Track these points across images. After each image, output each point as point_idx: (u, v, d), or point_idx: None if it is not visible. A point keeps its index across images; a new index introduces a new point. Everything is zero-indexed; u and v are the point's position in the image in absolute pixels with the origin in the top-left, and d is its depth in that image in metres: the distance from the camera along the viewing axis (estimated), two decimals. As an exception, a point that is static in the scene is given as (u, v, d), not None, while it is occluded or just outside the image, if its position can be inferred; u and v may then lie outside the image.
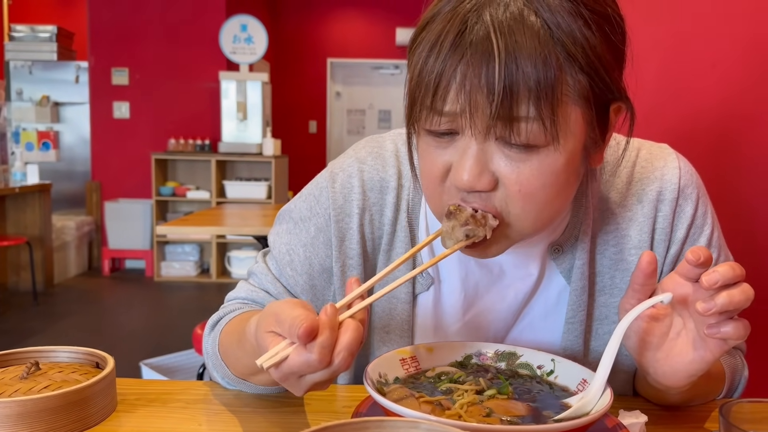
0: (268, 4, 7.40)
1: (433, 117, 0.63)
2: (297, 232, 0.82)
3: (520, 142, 0.60)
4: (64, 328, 4.16)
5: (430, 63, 0.61)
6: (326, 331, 0.55)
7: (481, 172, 0.62)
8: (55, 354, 0.82)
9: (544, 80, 0.57)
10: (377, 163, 0.81)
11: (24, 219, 5.07)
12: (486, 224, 0.64)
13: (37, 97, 6.22)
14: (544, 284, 0.80)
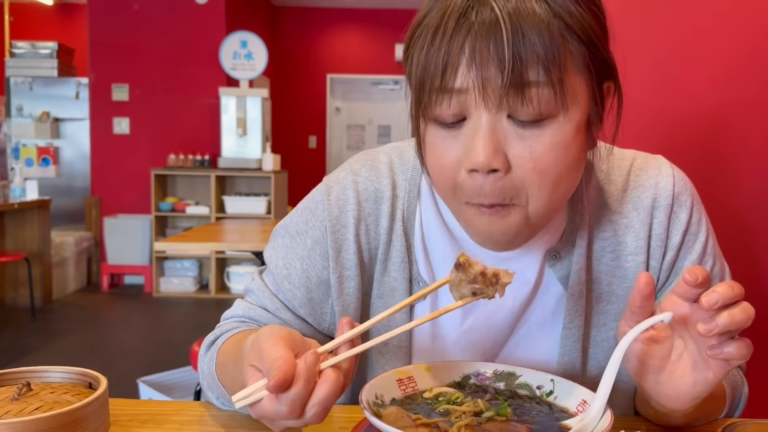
0: (268, 20, 7.44)
1: (443, 99, 0.63)
2: (293, 245, 0.82)
3: (532, 112, 0.61)
4: (62, 345, 4.13)
5: (436, 44, 0.62)
6: (300, 383, 0.54)
7: (496, 149, 0.62)
8: (48, 374, 0.81)
9: (550, 47, 0.59)
10: (371, 174, 0.81)
11: (23, 235, 5.06)
12: (497, 283, 0.60)
13: (37, 113, 6.24)
14: (542, 291, 0.79)
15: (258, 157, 5.73)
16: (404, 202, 0.81)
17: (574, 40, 0.62)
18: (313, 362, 0.56)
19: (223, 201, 5.72)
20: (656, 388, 0.65)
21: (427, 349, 0.82)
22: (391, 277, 0.80)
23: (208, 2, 5.93)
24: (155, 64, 5.98)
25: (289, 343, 0.58)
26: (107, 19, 5.96)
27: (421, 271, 0.80)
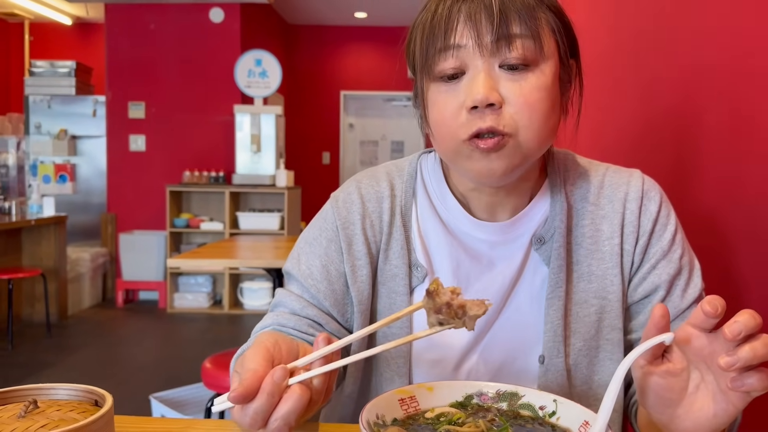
0: (283, 38, 7.52)
1: (446, 55, 0.76)
2: (311, 249, 0.91)
3: (518, 56, 0.74)
4: (77, 360, 4.17)
5: (438, 12, 0.77)
6: (263, 397, 0.59)
7: (492, 87, 0.74)
8: (54, 392, 0.82)
9: (527, 7, 0.75)
10: (372, 180, 0.94)
11: (39, 251, 5.12)
12: (465, 315, 0.62)
13: (55, 131, 6.33)
14: (529, 272, 0.87)
15: (272, 173, 5.77)
16: (401, 200, 0.92)
17: (545, 8, 0.77)
18: (279, 378, 0.60)
19: (237, 217, 5.76)
20: (674, 422, 0.64)
21: (425, 329, 0.84)
22: (392, 264, 0.89)
23: (224, 21, 6.02)
24: (171, 82, 6.06)
25: (271, 354, 0.63)
26: (124, 38, 6.07)
27: (419, 258, 0.89)
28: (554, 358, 0.85)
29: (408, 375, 0.87)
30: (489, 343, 0.87)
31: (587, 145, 2.01)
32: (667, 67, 1.32)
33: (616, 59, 1.74)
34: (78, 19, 7.69)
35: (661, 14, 1.37)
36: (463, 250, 0.88)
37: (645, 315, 0.87)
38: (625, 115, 1.64)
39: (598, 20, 1.99)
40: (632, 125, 1.58)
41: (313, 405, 0.62)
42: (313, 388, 0.62)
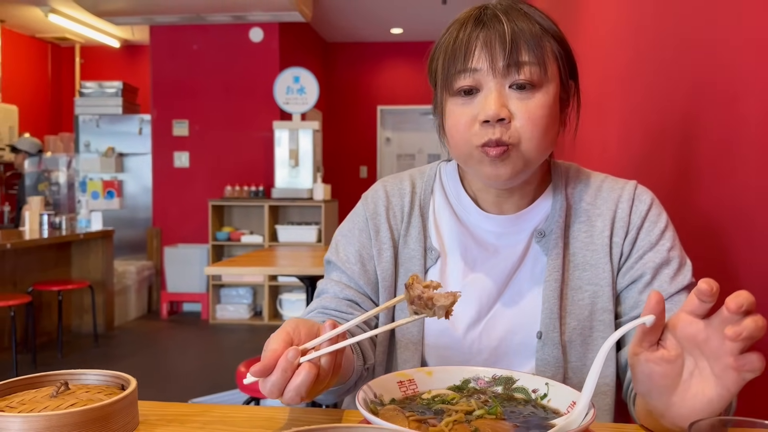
0: (321, 55, 7.67)
1: (464, 75, 0.88)
2: (347, 240, 1.06)
3: (526, 80, 0.87)
4: (122, 368, 4.25)
5: (459, 37, 0.89)
6: (278, 372, 0.69)
7: (502, 105, 0.87)
8: (85, 376, 0.89)
9: (535, 37, 0.87)
10: (396, 180, 1.10)
11: (88, 264, 5.32)
12: (434, 306, 0.71)
13: (103, 149, 6.58)
14: (529, 260, 0.98)
15: (309, 187, 5.88)
16: (420, 196, 1.07)
17: (549, 37, 0.90)
18: (292, 357, 0.69)
19: (276, 230, 5.87)
20: (670, 409, 0.67)
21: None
22: (410, 248, 1.03)
23: (263, 40, 6.19)
24: (213, 100, 6.25)
25: (291, 336, 0.73)
26: (168, 58, 6.29)
27: (433, 242, 1.03)
28: (551, 332, 0.94)
29: (421, 344, 0.98)
30: (491, 319, 0.97)
31: (616, 153, 2.02)
32: (675, 73, 1.33)
33: (636, 71, 1.76)
34: (125, 41, 8.00)
35: (680, 22, 1.39)
36: (471, 237, 1.01)
37: (632, 299, 0.95)
38: (641, 121, 1.65)
39: (618, 34, 2.01)
40: (647, 133, 1.59)
41: (322, 380, 0.71)
42: (321, 366, 0.70)
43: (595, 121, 2.32)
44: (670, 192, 1.35)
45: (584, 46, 2.59)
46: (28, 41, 7.75)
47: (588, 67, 2.49)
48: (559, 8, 3.39)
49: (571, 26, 2.93)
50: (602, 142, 2.21)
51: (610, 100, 2.08)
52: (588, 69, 2.48)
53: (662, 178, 1.43)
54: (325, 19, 6.88)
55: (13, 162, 6.86)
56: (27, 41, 7.72)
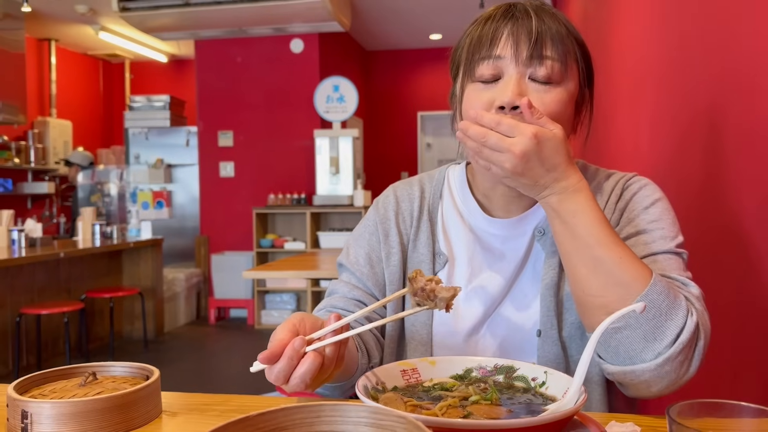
0: (361, 64, 7.76)
1: (487, 62, 0.90)
2: (357, 243, 1.09)
3: (545, 74, 0.88)
4: (170, 372, 4.44)
5: (486, 27, 0.91)
6: (284, 361, 0.72)
7: (521, 93, 0.87)
8: (112, 368, 0.95)
9: (559, 35, 0.89)
10: (406, 185, 1.12)
11: (138, 272, 5.50)
12: (435, 298, 0.74)
13: (152, 161, 6.81)
14: (532, 260, 0.99)
15: (350, 193, 5.95)
16: (429, 201, 1.09)
17: (573, 40, 0.92)
18: (298, 345, 0.72)
19: (317, 236, 5.96)
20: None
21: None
22: (419, 252, 1.05)
23: (303, 51, 6.31)
24: (256, 110, 6.40)
25: (296, 327, 0.76)
26: (213, 71, 6.47)
27: (441, 247, 1.04)
28: (549, 330, 0.95)
29: (429, 344, 1.00)
30: (495, 319, 0.99)
31: (647, 152, 2.01)
32: (707, 70, 1.32)
33: (661, 63, 1.74)
34: (172, 56, 8.26)
35: (701, 19, 1.38)
36: (478, 243, 1.02)
37: None
38: (670, 118, 1.64)
39: (642, 28, 1.99)
40: (676, 127, 1.58)
41: (326, 369, 0.74)
42: (325, 355, 0.73)
43: (628, 121, 2.30)
44: (699, 190, 1.34)
45: (617, 45, 2.57)
46: (81, 59, 8.08)
47: (621, 66, 2.47)
48: (591, 7, 3.36)
49: (604, 25, 2.91)
50: (634, 142, 2.19)
51: (641, 100, 2.07)
52: (621, 68, 2.46)
53: (692, 176, 1.41)
54: (364, 28, 6.97)
55: (67, 175, 7.16)
56: (79, 59, 8.05)
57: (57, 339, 4.67)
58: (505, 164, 0.80)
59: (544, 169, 0.81)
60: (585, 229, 0.81)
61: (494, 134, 0.80)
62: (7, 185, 6.60)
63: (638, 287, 0.78)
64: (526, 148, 0.78)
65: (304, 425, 0.53)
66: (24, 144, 6.81)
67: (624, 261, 0.80)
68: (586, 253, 0.82)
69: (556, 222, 0.84)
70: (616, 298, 0.79)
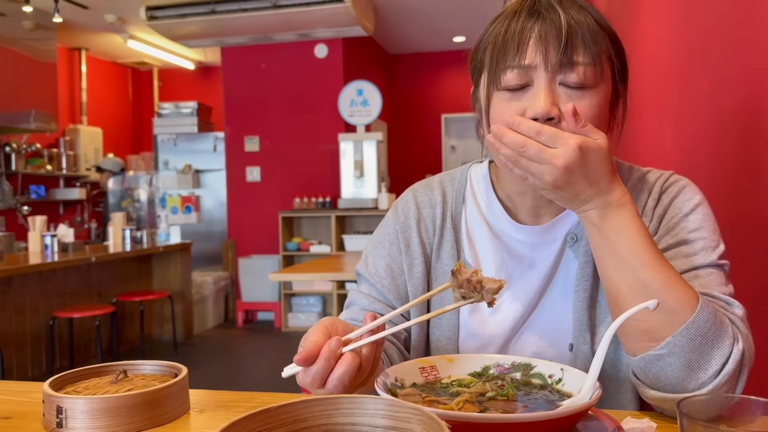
0: (384, 67, 7.80)
1: (515, 71, 0.83)
2: (377, 252, 1.04)
3: (577, 80, 0.81)
4: (200, 374, 4.51)
5: (512, 27, 0.84)
6: (321, 361, 0.69)
7: (553, 102, 0.81)
8: (142, 366, 0.98)
9: (591, 32, 0.82)
10: (426, 189, 1.06)
11: (167, 275, 5.60)
12: (482, 290, 0.71)
13: (180, 166, 6.92)
14: (563, 267, 0.94)
15: (374, 196, 5.98)
16: (452, 206, 1.03)
17: (606, 38, 0.85)
18: (335, 346, 0.70)
19: (342, 239, 6.00)
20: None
21: (466, 321, 0.96)
22: (443, 263, 1.00)
23: (327, 56, 6.37)
24: (281, 115, 6.47)
25: (329, 330, 0.74)
26: (239, 78, 6.56)
27: (466, 257, 0.99)
28: (581, 345, 0.90)
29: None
30: (525, 332, 0.94)
31: (672, 150, 2.00)
32: (733, 67, 1.32)
33: (685, 61, 1.74)
34: (199, 63, 8.39)
35: (726, 16, 1.38)
36: (506, 251, 0.97)
37: None
38: (695, 116, 1.63)
39: (666, 25, 1.98)
40: (702, 125, 1.57)
41: (363, 371, 0.72)
42: (362, 356, 0.72)
43: (653, 119, 2.29)
44: (727, 188, 1.33)
45: (641, 42, 2.56)
46: (110, 67, 8.24)
47: (645, 64, 2.46)
48: (616, 3, 3.34)
49: (628, 23, 2.89)
50: (659, 139, 2.18)
51: (665, 97, 2.06)
52: (645, 67, 2.45)
53: (719, 174, 1.41)
54: (387, 32, 7.00)
55: (98, 181, 7.31)
56: (109, 67, 8.22)
57: (89, 342, 4.78)
58: (545, 176, 0.74)
59: (587, 183, 0.75)
60: (629, 248, 0.76)
61: (534, 143, 0.74)
62: (40, 192, 6.76)
63: (685, 313, 0.74)
64: (570, 160, 0.73)
65: (323, 417, 0.55)
66: (56, 151, 6.97)
67: (670, 284, 0.75)
68: (629, 274, 0.76)
69: (596, 237, 0.79)
70: (661, 325, 0.75)
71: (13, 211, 6.27)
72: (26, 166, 6.46)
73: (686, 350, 0.74)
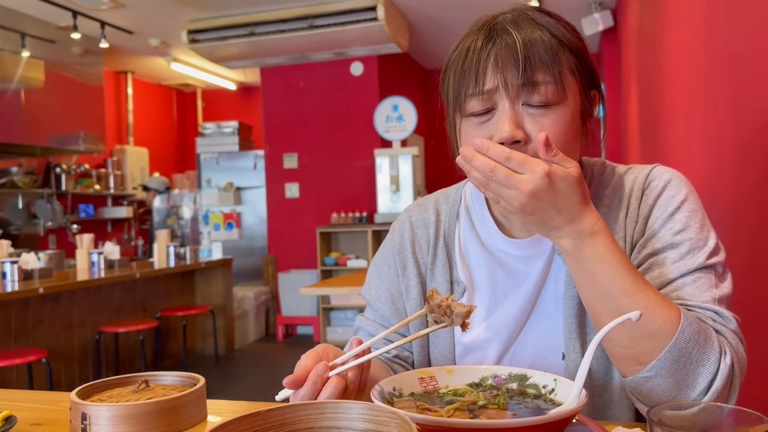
0: (420, 82, 7.86)
1: (476, 99, 0.84)
2: (378, 276, 1.07)
3: (540, 100, 0.81)
4: (240, 388, 4.60)
5: (469, 55, 0.84)
6: (308, 385, 0.75)
7: (517, 126, 0.82)
8: (164, 377, 1.04)
9: (549, 51, 0.82)
10: (421, 208, 1.08)
11: (209, 290, 5.73)
12: (452, 314, 0.76)
13: (222, 184, 7.10)
14: (553, 277, 0.94)
15: (411, 211, 6.01)
16: (445, 224, 1.04)
17: (566, 51, 0.84)
18: (321, 370, 0.76)
19: (380, 254, 6.04)
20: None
21: (461, 338, 0.98)
22: (437, 282, 1.01)
23: (363, 73, 6.47)
24: (319, 132, 6.59)
25: (320, 355, 0.80)
26: (277, 96, 6.72)
27: (459, 275, 1.00)
28: (572, 353, 0.91)
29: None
30: (519, 345, 0.95)
31: (700, 161, 1.99)
32: (756, 74, 1.31)
33: (709, 70, 1.73)
34: (240, 83, 8.60)
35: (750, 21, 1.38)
36: (500, 266, 0.97)
37: None
38: (720, 124, 1.63)
39: (692, 34, 1.98)
40: (726, 133, 1.57)
41: (350, 394, 0.77)
42: (348, 379, 0.77)
43: (682, 129, 2.28)
44: (752, 196, 1.32)
45: (669, 55, 2.55)
46: (155, 89, 8.53)
47: (673, 77, 2.44)
48: (646, 16, 3.33)
49: (657, 37, 2.88)
50: (688, 149, 2.17)
51: (693, 107, 2.05)
52: (673, 79, 2.44)
53: (743, 182, 1.40)
54: (422, 48, 7.06)
55: (144, 199, 7.55)
56: (154, 89, 8.50)
57: (134, 356, 4.93)
58: (513, 202, 0.75)
59: (555, 210, 0.75)
60: (607, 278, 0.76)
61: (502, 168, 0.74)
62: (88, 210, 7.02)
63: (667, 336, 0.75)
64: (537, 186, 0.73)
65: (309, 421, 0.60)
66: (104, 171, 7.23)
67: (650, 310, 0.75)
68: (609, 303, 0.77)
69: (573, 266, 0.79)
70: (645, 350, 0.76)
71: (63, 230, 6.53)
72: (75, 186, 6.72)
73: (671, 371, 0.76)
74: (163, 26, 6.06)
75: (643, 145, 3.63)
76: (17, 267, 3.94)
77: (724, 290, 0.84)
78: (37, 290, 3.70)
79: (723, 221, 1.50)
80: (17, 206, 6.02)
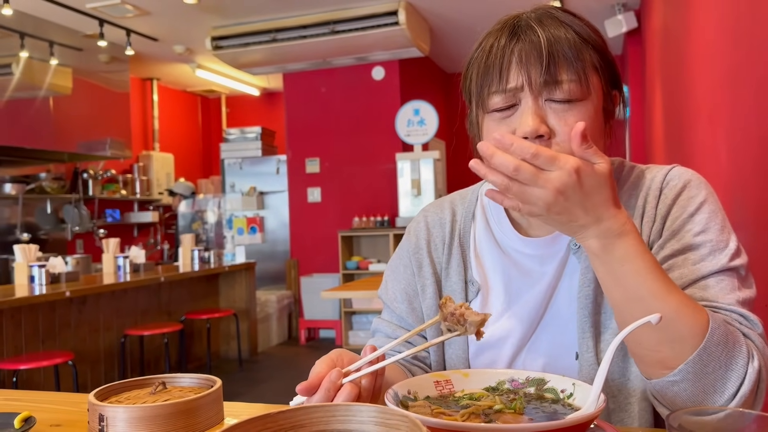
0: (442, 86, 7.85)
1: (499, 96, 0.84)
2: (394, 276, 1.07)
3: (564, 96, 0.81)
4: (263, 390, 4.62)
5: (492, 52, 0.85)
6: (322, 392, 0.75)
7: (541, 120, 0.81)
8: (180, 379, 1.05)
9: (573, 48, 0.82)
10: (436, 208, 1.09)
11: (233, 294, 5.78)
12: (465, 323, 0.75)
13: (245, 189, 7.16)
14: (567, 276, 0.93)
15: (433, 215, 5.99)
16: (461, 224, 1.04)
17: (590, 48, 0.84)
18: (335, 377, 0.75)
19: (402, 258, 6.03)
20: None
21: (475, 338, 0.96)
22: (451, 281, 1.01)
23: (384, 78, 6.48)
24: (340, 137, 6.61)
25: (334, 361, 0.79)
26: (300, 102, 6.76)
27: (474, 275, 0.99)
28: (585, 353, 0.89)
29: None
30: (533, 345, 0.94)
31: (726, 164, 1.95)
32: None
33: (734, 72, 1.71)
34: (263, 89, 8.67)
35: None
36: (515, 266, 0.96)
37: None
38: (744, 126, 1.60)
39: (717, 37, 1.95)
40: (750, 135, 1.54)
41: (363, 401, 0.76)
42: (362, 386, 0.76)
43: (707, 131, 2.24)
44: None
45: (693, 55, 2.51)
46: (180, 95, 8.63)
47: (697, 78, 2.41)
48: (670, 17, 3.29)
49: (682, 38, 2.84)
50: (713, 151, 2.13)
51: (718, 109, 2.01)
52: (698, 80, 2.40)
53: (766, 184, 1.37)
54: (444, 52, 7.05)
55: (170, 204, 7.63)
56: (179, 95, 8.60)
57: (158, 358, 4.98)
58: (539, 202, 0.71)
59: (582, 209, 0.72)
60: (636, 280, 0.74)
61: (527, 166, 0.70)
62: (115, 215, 7.12)
63: (695, 341, 0.73)
64: (565, 183, 0.69)
65: (320, 423, 0.59)
66: (130, 177, 7.33)
67: (680, 313, 0.73)
68: (637, 306, 0.74)
69: (600, 268, 0.76)
70: (673, 353, 0.74)
71: (90, 235, 6.63)
72: (102, 192, 6.82)
73: (699, 376, 0.74)
74: (187, 33, 6.14)
75: (667, 147, 3.58)
76: (45, 271, 4.01)
77: (748, 293, 0.83)
78: (64, 293, 3.76)
79: (745, 224, 1.47)
80: (46, 211, 6.13)
